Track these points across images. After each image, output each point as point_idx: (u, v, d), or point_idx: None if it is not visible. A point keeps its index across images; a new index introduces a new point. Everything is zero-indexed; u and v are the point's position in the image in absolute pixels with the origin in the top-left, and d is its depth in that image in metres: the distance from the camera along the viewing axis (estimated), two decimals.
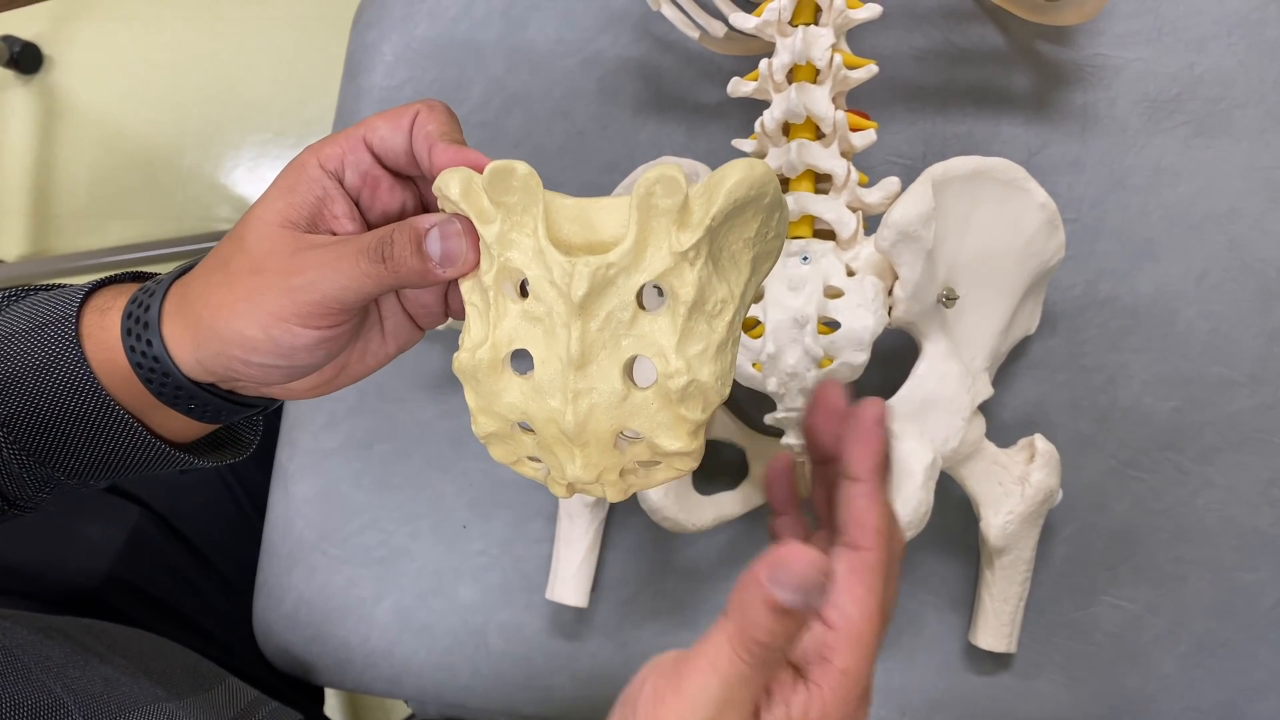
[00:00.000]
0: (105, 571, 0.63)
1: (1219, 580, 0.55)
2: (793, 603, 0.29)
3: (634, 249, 0.31)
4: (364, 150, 0.37)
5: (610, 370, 0.32)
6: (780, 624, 0.29)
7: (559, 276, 0.31)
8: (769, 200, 0.31)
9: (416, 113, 0.36)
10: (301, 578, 0.66)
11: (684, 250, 0.31)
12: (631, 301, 0.32)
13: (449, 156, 0.35)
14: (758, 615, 0.29)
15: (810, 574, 0.28)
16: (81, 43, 1.47)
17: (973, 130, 0.58)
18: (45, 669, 0.45)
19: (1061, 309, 0.56)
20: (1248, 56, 0.56)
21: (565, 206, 0.32)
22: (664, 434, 0.33)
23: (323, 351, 0.37)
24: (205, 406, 0.39)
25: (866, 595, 0.32)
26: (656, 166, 0.30)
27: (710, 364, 0.32)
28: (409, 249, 0.34)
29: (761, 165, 0.31)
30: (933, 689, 0.57)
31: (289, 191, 0.36)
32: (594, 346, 0.32)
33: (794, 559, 0.29)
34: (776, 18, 0.48)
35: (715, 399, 0.33)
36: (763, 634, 0.29)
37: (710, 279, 0.32)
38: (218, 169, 1.42)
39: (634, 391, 0.32)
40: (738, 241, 0.32)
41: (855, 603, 0.32)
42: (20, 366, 0.38)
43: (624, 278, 0.31)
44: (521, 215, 0.33)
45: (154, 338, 0.37)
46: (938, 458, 0.48)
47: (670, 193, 0.30)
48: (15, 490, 0.41)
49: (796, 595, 0.29)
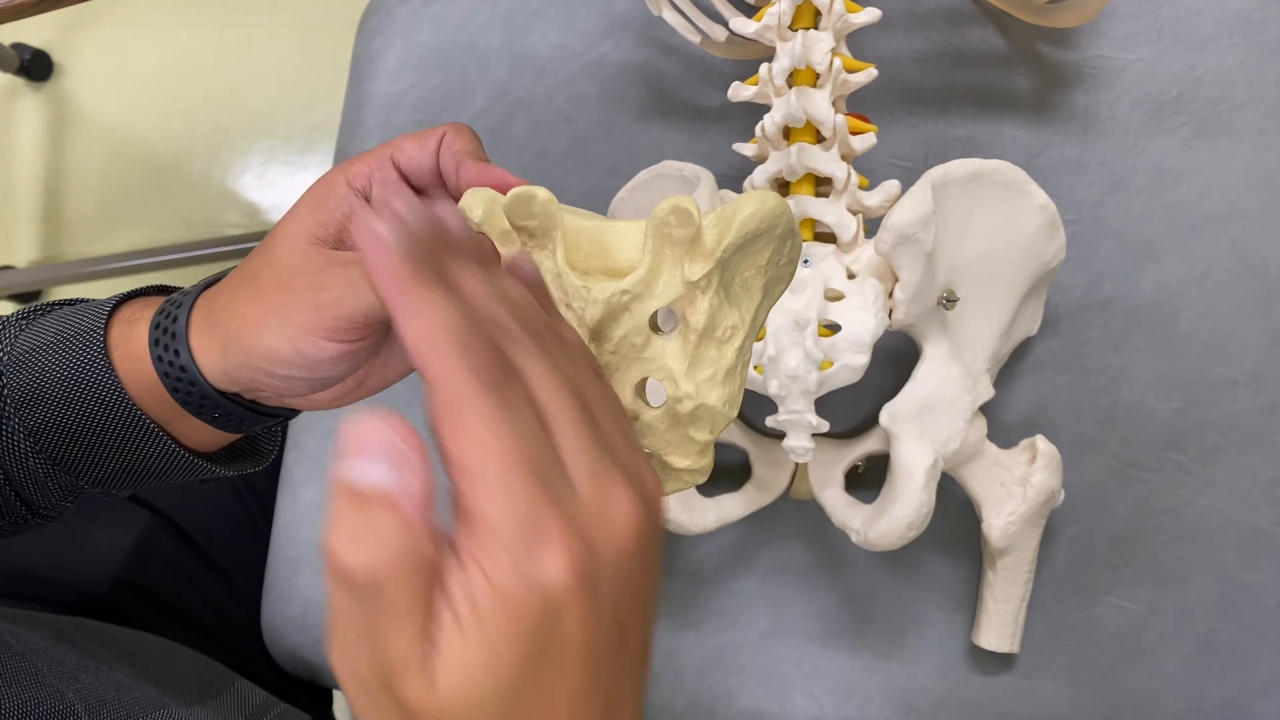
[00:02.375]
0: (114, 575, 0.63)
1: (1222, 580, 0.55)
2: (365, 476, 0.23)
3: (647, 277, 0.32)
4: (391, 169, 0.38)
5: (623, 392, 0.33)
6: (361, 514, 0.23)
7: (576, 301, 0.32)
8: (780, 231, 0.32)
9: (443, 134, 0.37)
10: (309, 581, 0.66)
11: (696, 280, 0.31)
12: (644, 326, 0.33)
13: (475, 173, 0.36)
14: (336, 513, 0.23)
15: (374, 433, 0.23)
16: (91, 50, 1.48)
17: (973, 132, 0.58)
18: (58, 674, 0.46)
19: (1063, 310, 0.57)
20: (1249, 57, 0.56)
21: (584, 230, 0.33)
22: (673, 453, 0.34)
23: (346, 365, 0.37)
24: (229, 416, 0.40)
25: (467, 427, 0.23)
26: (672, 197, 0.31)
27: (719, 388, 0.33)
28: None
29: (774, 198, 0.31)
30: (935, 689, 0.58)
31: (317, 209, 0.37)
32: (607, 369, 0.33)
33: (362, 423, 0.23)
34: (776, 22, 0.49)
35: (723, 421, 0.33)
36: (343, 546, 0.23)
37: (721, 306, 0.32)
38: (226, 174, 1.43)
39: (645, 411, 0.33)
40: (749, 269, 0.33)
41: (458, 442, 0.23)
42: (49, 378, 0.39)
43: (637, 304, 0.32)
44: (542, 239, 0.34)
45: (181, 348, 0.38)
46: (939, 459, 0.48)
47: (684, 224, 0.31)
48: (40, 499, 0.42)
49: (368, 466, 0.23)
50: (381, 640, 0.23)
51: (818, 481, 0.54)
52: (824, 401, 0.49)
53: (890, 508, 0.47)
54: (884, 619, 0.59)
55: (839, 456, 0.54)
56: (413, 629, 0.22)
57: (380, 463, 0.23)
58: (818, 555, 0.60)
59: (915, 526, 0.47)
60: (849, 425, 0.58)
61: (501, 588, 0.22)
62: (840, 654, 0.59)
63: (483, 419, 0.23)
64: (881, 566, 0.59)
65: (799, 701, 0.59)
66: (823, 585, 0.59)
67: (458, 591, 0.22)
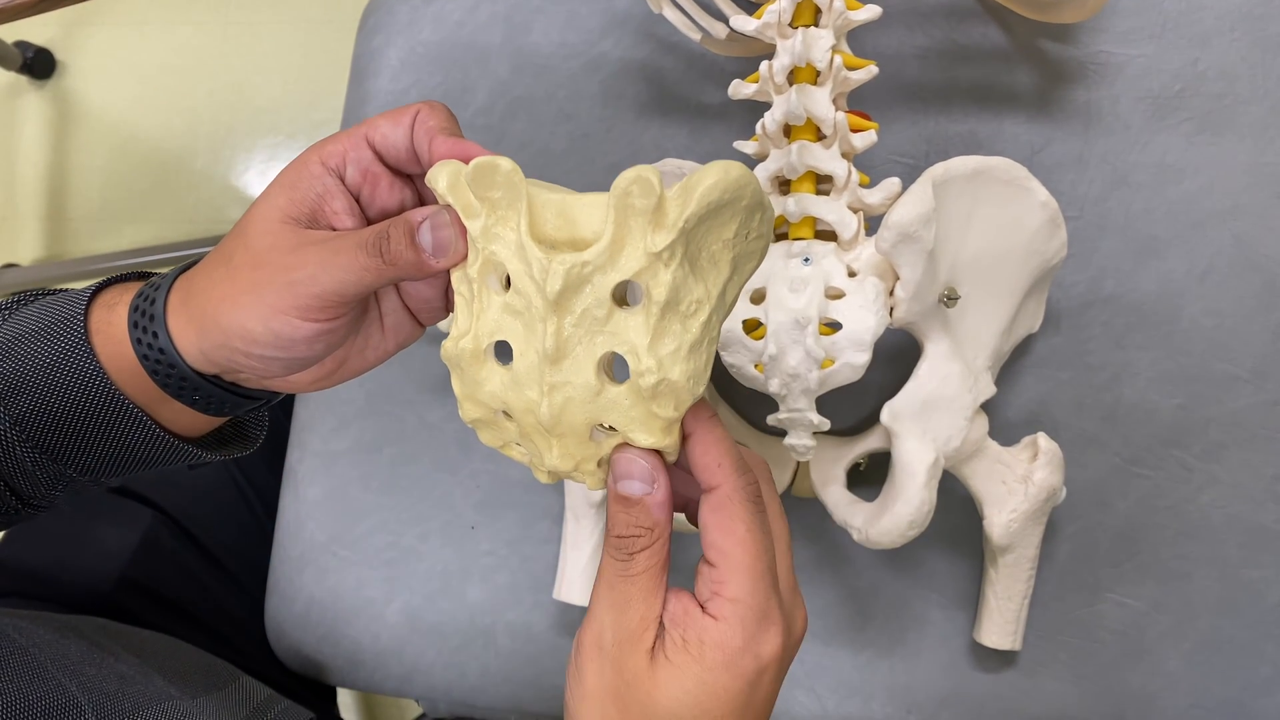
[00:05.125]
0: (118, 574, 0.63)
1: (1224, 577, 0.55)
2: (630, 491, 0.34)
3: (609, 248, 0.31)
4: (366, 147, 0.37)
5: (585, 365, 0.33)
6: (628, 513, 0.34)
7: (537, 272, 0.32)
8: (747, 203, 0.32)
9: (418, 111, 0.37)
10: (312, 579, 0.67)
11: (658, 251, 0.31)
12: (607, 299, 0.32)
13: (447, 148, 0.36)
14: (613, 512, 0.34)
15: (636, 466, 0.34)
16: (94, 48, 1.48)
17: (975, 129, 0.58)
18: (61, 667, 0.46)
19: (1065, 307, 0.56)
20: (1251, 52, 0.55)
21: (549, 202, 0.33)
22: (637, 429, 0.33)
23: (321, 344, 0.37)
24: (209, 398, 0.40)
25: (733, 525, 0.33)
26: (633, 167, 0.31)
27: (682, 363, 0.32)
28: (404, 242, 0.35)
29: (738, 168, 0.31)
30: (938, 687, 0.58)
31: (290, 188, 0.37)
32: (569, 341, 0.33)
33: (624, 459, 0.34)
34: (777, 19, 0.48)
35: (688, 398, 0.33)
36: (619, 527, 0.34)
37: (686, 279, 0.32)
38: (229, 172, 1.43)
39: (608, 387, 0.33)
40: (716, 242, 0.32)
41: (724, 535, 0.33)
42: (31, 365, 0.39)
43: (599, 276, 0.32)
44: (505, 210, 0.33)
45: (160, 330, 0.38)
46: (940, 457, 0.48)
47: (645, 194, 0.30)
48: (29, 488, 0.42)
49: (631, 484, 0.34)
50: (627, 611, 0.33)
51: (819, 479, 0.54)
52: (825, 399, 0.49)
53: (892, 506, 0.47)
54: (886, 617, 0.59)
55: (840, 455, 0.54)
56: (650, 610, 0.34)
57: (638, 481, 0.34)
58: (819, 553, 0.60)
59: (917, 524, 0.47)
60: (850, 423, 0.58)
61: (730, 649, 0.33)
62: (842, 651, 0.59)
63: (745, 523, 0.33)
64: (883, 564, 0.59)
65: (801, 699, 0.59)
66: (824, 583, 0.60)
67: (690, 627, 0.33)
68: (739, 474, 0.34)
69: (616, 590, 0.34)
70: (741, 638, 0.33)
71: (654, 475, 0.34)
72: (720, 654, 0.33)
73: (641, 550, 0.34)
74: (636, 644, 0.33)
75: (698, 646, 0.33)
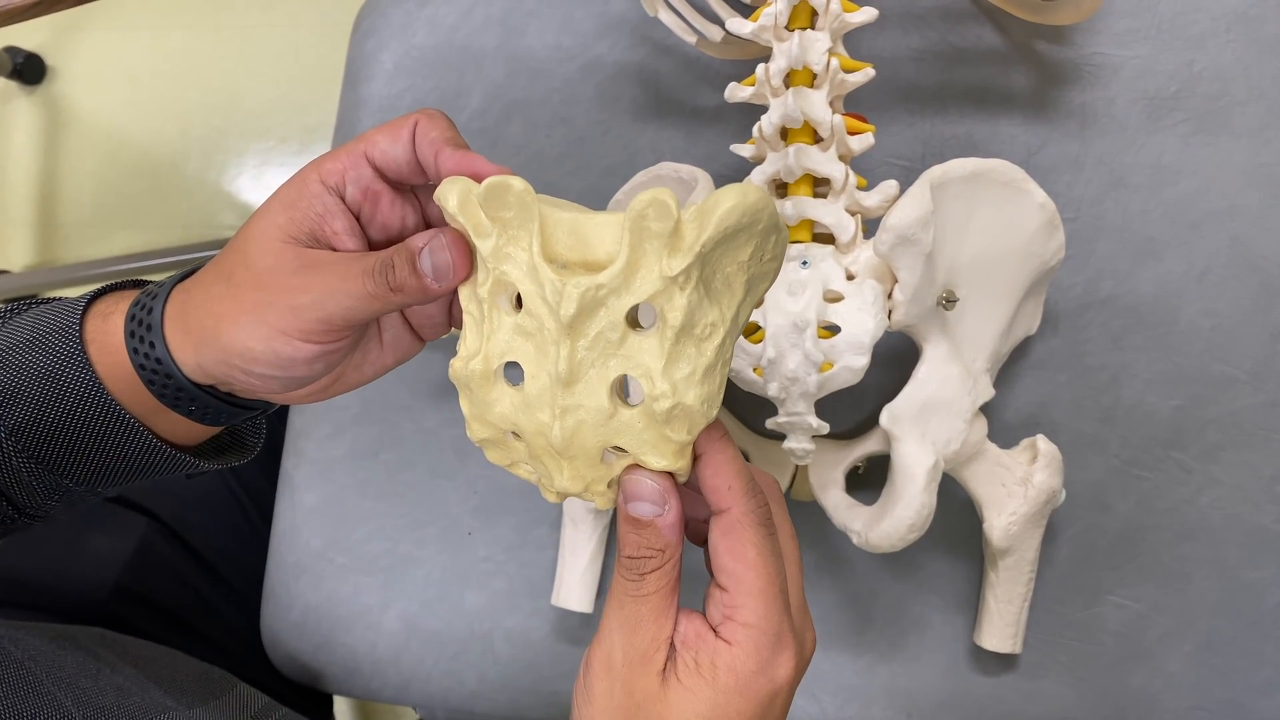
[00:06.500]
0: (114, 583, 0.63)
1: (1224, 578, 0.55)
2: (641, 513, 0.33)
3: (624, 271, 0.31)
4: (365, 165, 0.37)
5: (598, 388, 0.32)
6: (639, 534, 0.34)
7: (550, 294, 0.32)
8: (763, 225, 0.31)
9: (415, 122, 0.37)
10: (309, 586, 0.66)
11: (673, 275, 0.31)
12: (621, 322, 0.32)
13: (455, 161, 0.35)
14: (624, 533, 0.34)
15: (647, 488, 0.33)
16: (84, 53, 1.48)
17: (971, 131, 0.58)
18: (56, 680, 0.45)
19: (1062, 309, 0.56)
20: (1246, 53, 0.55)
21: (561, 221, 0.32)
22: (649, 452, 0.33)
23: (321, 364, 0.37)
24: (205, 408, 0.40)
25: (743, 549, 0.33)
26: (650, 190, 0.30)
27: (697, 387, 0.32)
28: (407, 269, 0.35)
29: (756, 191, 0.30)
30: (938, 690, 0.57)
31: (290, 206, 0.37)
32: (582, 365, 0.32)
33: (635, 481, 0.34)
34: (773, 22, 0.48)
35: (701, 421, 0.33)
36: (630, 548, 0.34)
37: (700, 303, 0.32)
38: (221, 177, 1.42)
39: (621, 410, 0.33)
40: (731, 265, 0.32)
41: (735, 560, 0.33)
42: (26, 376, 0.39)
43: (614, 299, 0.31)
44: (517, 230, 0.33)
45: (157, 340, 0.38)
46: (939, 460, 0.48)
47: (662, 217, 0.30)
48: (25, 499, 0.42)
49: (642, 506, 0.33)
50: (637, 631, 0.33)
51: (818, 483, 0.54)
52: (824, 403, 0.49)
53: (891, 509, 0.47)
54: (886, 620, 0.58)
55: (839, 458, 0.54)
56: (661, 630, 0.33)
57: (649, 503, 0.34)
58: (819, 557, 0.59)
59: (916, 528, 0.47)
60: (849, 426, 0.57)
61: (743, 673, 0.33)
62: (842, 655, 0.59)
63: (756, 547, 0.33)
64: (883, 568, 0.59)
65: (801, 703, 0.59)
66: (824, 587, 0.59)
67: (703, 650, 0.33)
68: (749, 496, 0.34)
69: (627, 610, 0.34)
70: (755, 662, 0.33)
71: (665, 497, 0.33)
72: (734, 678, 0.32)
73: (653, 571, 0.34)
74: (647, 665, 0.33)
75: (710, 670, 0.33)
